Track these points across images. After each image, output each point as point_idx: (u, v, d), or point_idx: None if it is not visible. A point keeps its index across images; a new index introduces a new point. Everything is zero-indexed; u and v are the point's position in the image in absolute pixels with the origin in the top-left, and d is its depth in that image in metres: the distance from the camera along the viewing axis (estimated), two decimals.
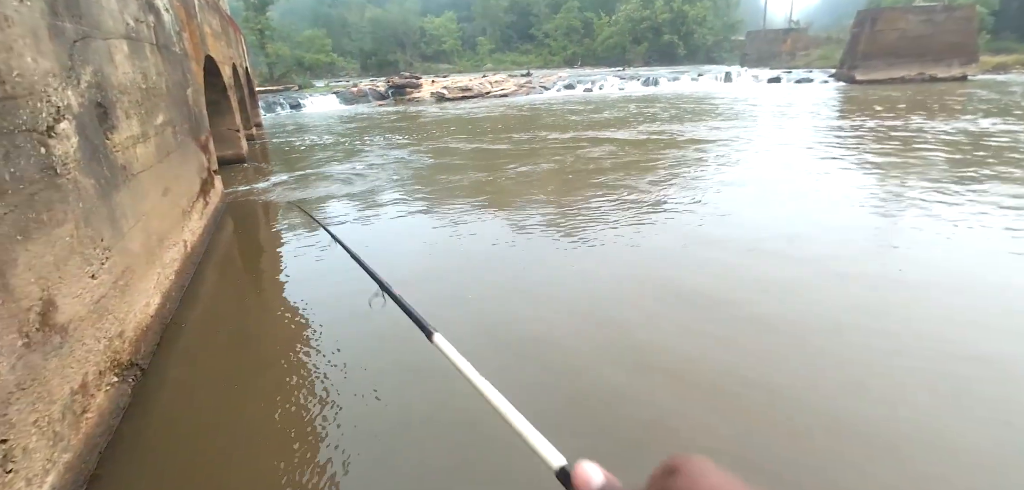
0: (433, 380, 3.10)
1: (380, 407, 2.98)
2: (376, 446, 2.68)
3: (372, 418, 2.90)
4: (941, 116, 13.71)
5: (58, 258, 2.44)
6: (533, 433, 0.60)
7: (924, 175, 7.48)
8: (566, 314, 3.92)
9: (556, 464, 0.53)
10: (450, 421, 2.79)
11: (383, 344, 3.58)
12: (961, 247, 4.86)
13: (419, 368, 3.23)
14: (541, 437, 0.59)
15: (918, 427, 2.61)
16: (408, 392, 3.09)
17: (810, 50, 41.85)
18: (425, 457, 2.58)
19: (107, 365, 2.82)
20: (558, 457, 0.53)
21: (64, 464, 2.24)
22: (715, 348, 3.36)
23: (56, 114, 2.66)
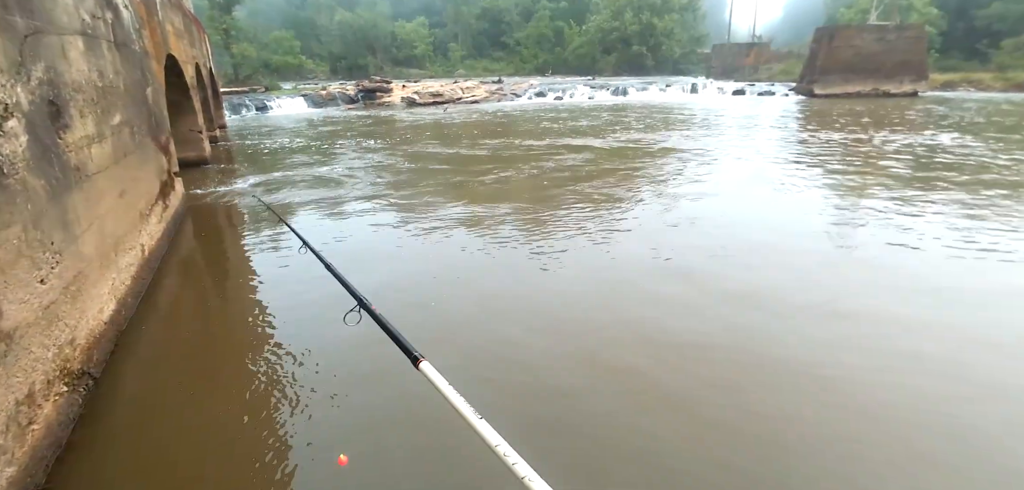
0: (406, 392, 3.08)
1: (346, 417, 2.93)
2: (331, 466, 2.63)
3: (337, 428, 2.85)
4: (903, 129, 14.38)
5: (4, 262, 2.33)
6: (539, 484, 0.55)
7: (889, 189, 7.83)
8: (542, 332, 3.81)
9: None
10: (425, 439, 2.78)
11: (351, 353, 3.52)
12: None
13: (391, 378, 3.20)
14: (545, 485, 0.54)
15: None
16: (379, 403, 3.05)
17: (772, 64, 43.44)
18: (394, 473, 2.55)
19: (56, 374, 2.69)
20: None
21: (7, 479, 2.13)
22: (693, 367, 3.45)
23: (3, 111, 2.54)
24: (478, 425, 0.64)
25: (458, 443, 2.49)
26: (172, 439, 2.80)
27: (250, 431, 2.79)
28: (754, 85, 33.46)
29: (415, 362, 0.88)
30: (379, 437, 2.74)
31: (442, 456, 2.58)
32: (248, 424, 2.84)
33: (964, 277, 4.60)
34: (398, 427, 2.81)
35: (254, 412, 2.95)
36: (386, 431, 2.78)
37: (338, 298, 4.54)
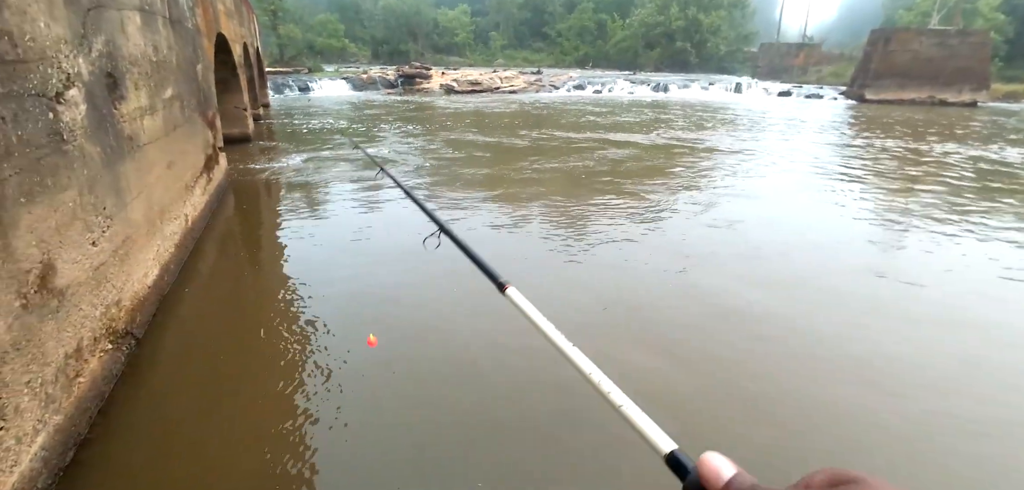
0: (430, 361, 3.15)
1: (372, 384, 3.01)
2: (370, 421, 2.71)
3: (366, 397, 2.93)
4: (969, 141, 13.61)
5: (60, 223, 2.47)
6: (637, 413, 0.51)
7: (949, 209, 7.46)
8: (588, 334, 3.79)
9: (665, 448, 0.46)
10: (451, 418, 2.83)
11: (382, 327, 3.61)
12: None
13: (419, 346, 3.28)
14: (645, 417, 0.50)
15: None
16: (403, 373, 3.12)
17: (822, 66, 41.74)
18: (425, 442, 2.61)
19: (102, 332, 2.85)
20: (667, 441, 0.47)
21: (54, 426, 2.28)
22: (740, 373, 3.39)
23: (66, 81, 2.68)
24: (570, 352, 0.62)
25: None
26: (209, 400, 2.93)
27: (281, 396, 2.89)
28: (801, 87, 32.24)
29: (501, 288, 0.87)
30: (412, 412, 2.80)
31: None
32: (277, 390, 2.95)
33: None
34: (430, 403, 2.86)
35: (288, 378, 3.05)
36: (418, 403, 2.84)
37: (373, 262, 4.59)
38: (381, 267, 4.73)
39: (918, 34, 27.58)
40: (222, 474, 2.41)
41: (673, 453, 0.45)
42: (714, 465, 0.39)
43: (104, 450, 2.49)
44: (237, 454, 2.53)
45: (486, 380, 3.13)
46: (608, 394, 0.54)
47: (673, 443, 0.46)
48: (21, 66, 2.28)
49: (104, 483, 2.33)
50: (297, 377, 3.11)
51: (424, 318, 3.84)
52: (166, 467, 2.44)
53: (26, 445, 2.07)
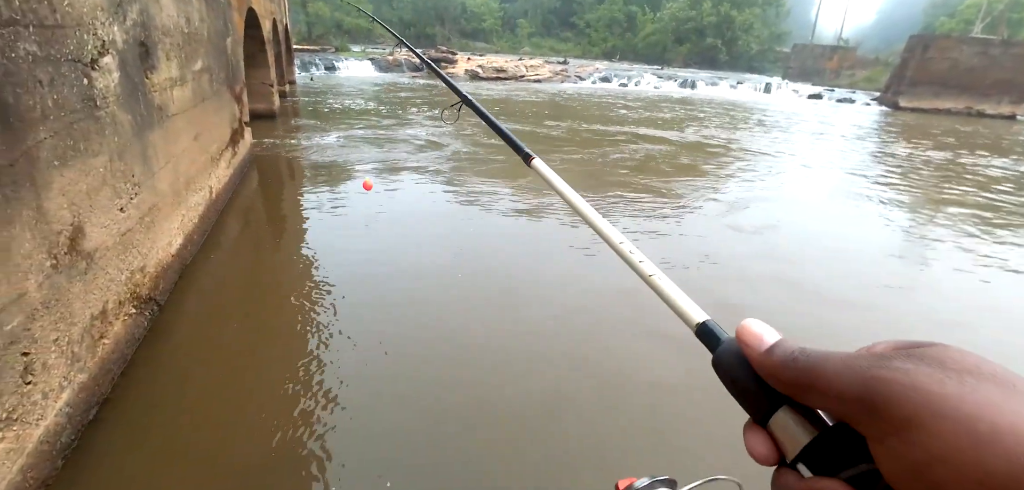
0: (441, 336, 3.19)
1: (389, 357, 3.05)
2: (383, 391, 2.75)
3: (380, 370, 2.97)
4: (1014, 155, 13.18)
5: (90, 187, 2.54)
6: (668, 284, 0.48)
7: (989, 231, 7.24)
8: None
9: (696, 319, 0.43)
10: (455, 379, 2.85)
11: (395, 304, 3.67)
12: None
13: (428, 325, 3.31)
14: (677, 288, 0.47)
15: None
16: (413, 351, 3.15)
17: (856, 70, 40.58)
18: (432, 414, 2.64)
19: (127, 296, 2.93)
20: (699, 312, 0.43)
21: (79, 384, 2.35)
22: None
23: (101, 47, 2.74)
24: (600, 223, 0.60)
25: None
26: (227, 368, 3.01)
27: (298, 369, 2.95)
28: (833, 90, 31.42)
29: (527, 159, 0.87)
30: (414, 383, 2.83)
31: (472, 418, 2.65)
32: (294, 361, 3.00)
33: None
34: (433, 382, 2.89)
35: (303, 349, 3.11)
36: (423, 381, 2.87)
37: (389, 244, 4.62)
38: (398, 249, 4.78)
39: (959, 42, 26.58)
40: (237, 438, 2.47)
41: (705, 323, 0.42)
42: (756, 330, 0.36)
43: (125, 410, 2.57)
44: (253, 420, 2.59)
45: (496, 371, 3.14)
46: (639, 264, 0.51)
47: (705, 314, 0.43)
48: (59, 31, 2.33)
49: (124, 441, 2.40)
50: (313, 348, 3.17)
51: (439, 303, 3.87)
52: (184, 430, 2.51)
53: (52, 400, 2.14)
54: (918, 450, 0.25)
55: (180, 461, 2.34)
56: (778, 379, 0.33)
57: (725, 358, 0.38)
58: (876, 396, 0.27)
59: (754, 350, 0.35)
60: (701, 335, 0.42)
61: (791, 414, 0.33)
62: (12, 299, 1.91)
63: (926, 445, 0.25)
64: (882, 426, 0.27)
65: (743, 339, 0.36)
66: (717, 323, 0.41)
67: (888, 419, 0.27)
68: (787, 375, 0.32)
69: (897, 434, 0.26)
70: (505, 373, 3.09)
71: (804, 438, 0.33)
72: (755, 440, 0.35)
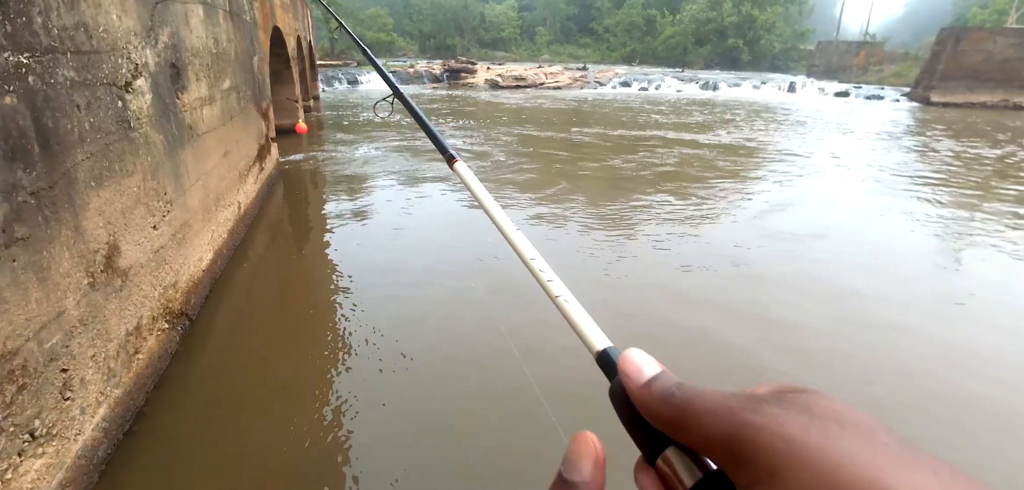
0: (466, 348, 3.17)
1: (412, 369, 3.06)
2: (409, 410, 2.75)
3: (404, 381, 2.98)
4: None
5: (125, 206, 2.61)
6: (576, 307, 0.46)
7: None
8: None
9: (598, 346, 0.42)
10: (487, 402, 2.84)
11: (419, 316, 3.68)
12: None
13: (454, 334, 3.31)
14: (584, 312, 0.45)
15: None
16: (437, 359, 3.15)
17: (884, 66, 39.43)
18: (443, 436, 2.63)
19: (160, 312, 3.00)
20: (601, 338, 0.42)
21: (115, 398, 2.41)
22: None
23: (134, 71, 2.83)
24: (512, 235, 0.58)
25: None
26: (257, 380, 3.05)
27: (326, 379, 2.97)
28: (860, 88, 30.55)
29: (450, 161, 0.83)
30: (441, 395, 2.82)
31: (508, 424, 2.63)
32: (323, 373, 3.03)
33: None
34: (460, 409, 2.88)
35: (331, 362, 3.14)
36: (447, 390, 2.86)
37: (415, 255, 4.66)
38: (425, 261, 4.81)
39: (993, 33, 25.59)
40: (268, 450, 2.50)
41: (605, 351, 0.40)
42: (636, 362, 0.34)
43: (159, 423, 2.62)
44: (282, 433, 2.62)
45: (523, 383, 3.12)
46: (548, 283, 0.49)
47: (608, 341, 0.41)
48: (95, 56, 2.41)
49: (158, 454, 2.45)
50: (340, 361, 3.20)
51: (463, 314, 3.86)
52: (215, 442, 2.55)
53: (90, 415, 2.19)
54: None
55: (211, 471, 2.38)
56: (655, 415, 0.32)
57: (619, 391, 0.36)
58: (744, 442, 0.27)
59: (633, 383, 0.33)
60: (601, 363, 0.40)
61: (677, 455, 0.32)
62: (52, 317, 1.96)
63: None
64: (750, 473, 0.26)
65: (623, 370, 0.35)
66: (618, 352, 0.39)
67: (755, 467, 0.26)
68: (664, 411, 0.31)
69: (763, 483, 0.26)
70: (531, 383, 3.06)
71: (688, 481, 0.31)
72: (643, 480, 0.33)
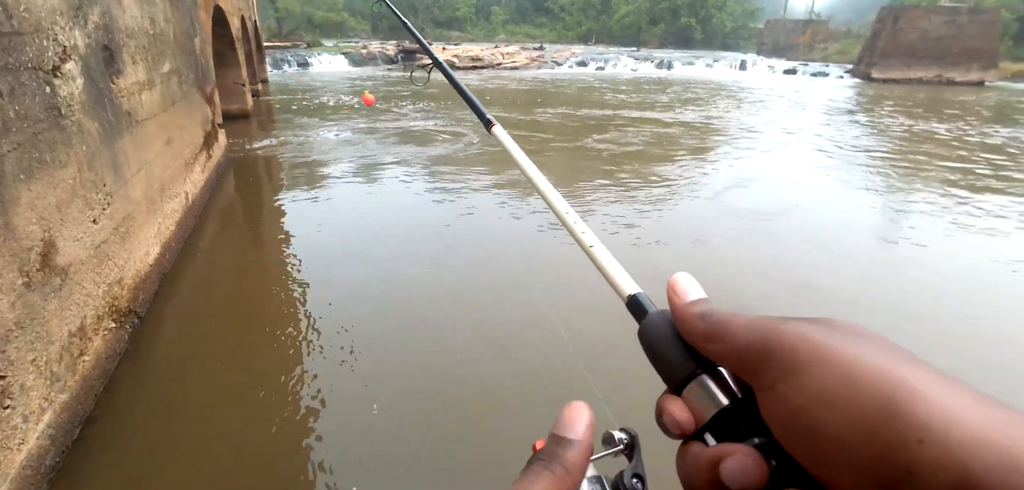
0: (420, 341, 3.16)
1: (374, 355, 3.02)
2: (368, 394, 2.72)
3: (367, 369, 2.94)
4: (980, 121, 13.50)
5: (60, 200, 2.44)
6: (606, 256, 0.48)
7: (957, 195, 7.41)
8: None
9: (627, 291, 0.43)
10: (438, 395, 2.84)
11: (374, 303, 3.63)
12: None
13: (414, 322, 3.28)
14: (614, 260, 0.47)
15: None
16: (395, 349, 3.12)
17: (828, 44, 41.15)
18: (405, 420, 2.62)
19: (105, 310, 2.84)
20: (632, 284, 0.43)
21: (61, 404, 2.27)
22: None
23: (62, 54, 2.63)
24: (547, 191, 0.60)
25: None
26: (212, 377, 2.94)
27: (283, 369, 2.89)
28: (807, 65, 31.83)
29: (488, 125, 0.85)
30: (392, 384, 2.80)
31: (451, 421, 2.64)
32: (279, 364, 2.95)
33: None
34: (413, 393, 2.87)
35: (289, 353, 3.06)
36: (402, 380, 2.85)
37: (368, 241, 4.59)
38: (379, 245, 4.72)
39: (928, 11, 27.07)
40: (227, 449, 2.42)
41: (635, 296, 0.42)
42: (684, 284, 0.37)
43: (110, 427, 2.49)
44: (241, 429, 2.54)
45: (484, 364, 3.13)
46: (581, 235, 0.51)
47: (637, 287, 0.43)
48: (16, 38, 2.23)
49: (111, 460, 2.33)
50: (297, 352, 3.12)
51: (425, 300, 3.83)
52: (173, 442, 2.44)
53: (33, 423, 2.06)
54: (799, 394, 0.27)
55: (167, 474, 2.28)
56: (693, 330, 0.34)
57: (650, 325, 0.38)
58: (771, 344, 0.29)
59: (680, 300, 0.36)
60: (631, 307, 0.42)
61: (706, 382, 0.34)
62: None
63: (806, 387, 0.27)
64: (771, 373, 0.29)
65: (672, 287, 0.37)
66: (648, 297, 0.41)
67: (777, 365, 0.28)
68: (701, 327, 0.34)
69: (783, 380, 0.28)
70: (493, 367, 3.08)
71: (715, 407, 0.33)
72: (672, 407, 0.35)
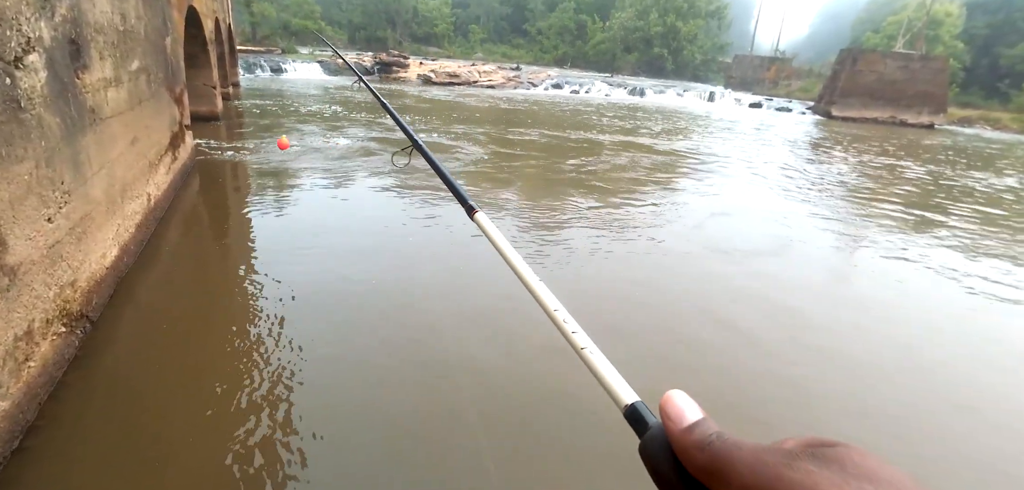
0: (395, 341, 3.12)
1: (339, 359, 2.95)
2: (332, 402, 2.66)
3: (331, 372, 2.87)
4: (927, 160, 14.26)
5: (14, 196, 2.33)
6: (600, 359, 0.45)
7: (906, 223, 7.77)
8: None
9: (625, 400, 0.41)
10: (422, 389, 2.80)
11: (347, 308, 3.57)
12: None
13: (380, 331, 3.24)
14: (608, 364, 0.44)
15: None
16: (367, 357, 3.07)
17: (792, 80, 43.00)
18: (376, 421, 2.57)
19: (56, 314, 2.70)
20: (629, 392, 0.41)
21: (1, 412, 2.14)
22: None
23: (25, 45, 2.52)
24: (536, 286, 0.57)
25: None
26: (166, 385, 2.82)
27: (240, 380, 2.80)
28: (772, 100, 33.18)
29: (470, 212, 0.82)
30: (369, 394, 2.75)
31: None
32: (236, 374, 2.86)
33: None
34: (385, 385, 2.82)
35: (248, 362, 2.96)
36: (373, 385, 2.80)
37: (334, 255, 4.54)
38: (348, 257, 4.65)
39: (884, 56, 28.73)
40: (178, 461, 2.32)
41: (634, 405, 0.40)
42: (678, 405, 0.35)
43: (53, 437, 2.36)
44: (195, 440, 2.44)
45: (462, 374, 3.11)
46: (572, 335, 0.49)
47: (635, 395, 0.41)
48: None
49: (53, 471, 2.20)
50: (257, 362, 3.02)
51: (390, 308, 3.79)
52: (119, 454, 2.33)
53: None
54: None
55: (110, 486, 2.17)
56: (693, 461, 0.33)
57: (652, 445, 0.36)
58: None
59: (675, 425, 0.34)
60: (630, 418, 0.40)
61: None
62: None
63: None
64: None
65: (665, 412, 0.35)
66: (647, 407, 0.40)
67: None
68: (701, 459, 0.32)
69: None
70: (467, 369, 3.06)
71: None
72: None
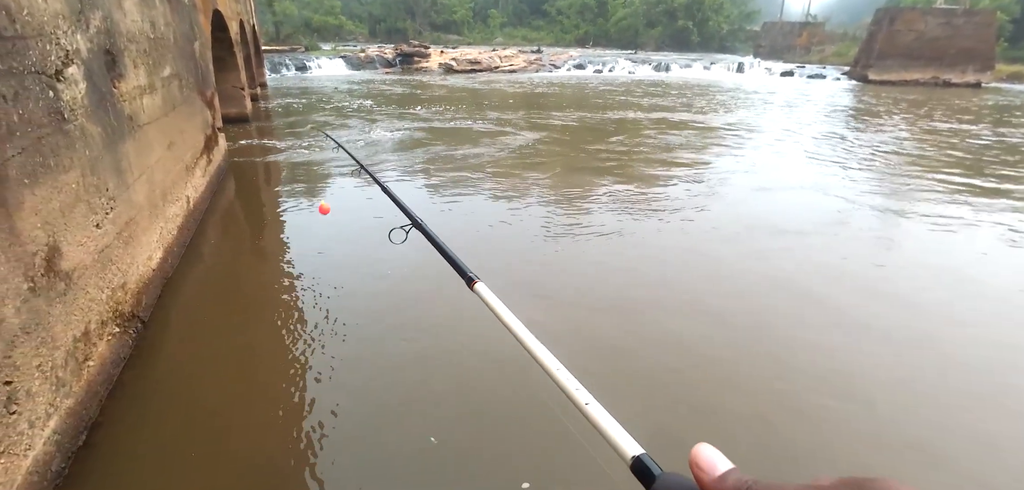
0: (431, 343, 3.15)
1: (375, 361, 3.01)
2: (377, 398, 2.72)
3: (370, 371, 2.93)
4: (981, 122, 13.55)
5: (64, 205, 2.43)
6: (602, 414, 0.47)
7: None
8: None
9: (630, 453, 0.41)
10: (443, 364, 2.83)
11: (379, 303, 3.63)
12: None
13: (421, 329, 3.27)
14: (611, 419, 0.46)
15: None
16: (403, 358, 3.11)
17: (825, 46, 41.33)
18: (419, 415, 2.61)
19: (109, 315, 2.82)
20: (633, 445, 0.42)
21: (66, 409, 2.26)
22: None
23: (65, 58, 2.62)
24: (536, 349, 0.59)
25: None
26: (216, 380, 2.93)
27: (286, 373, 2.88)
28: (804, 67, 31.93)
29: (470, 283, 0.85)
30: (427, 368, 2.79)
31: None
32: (282, 367, 2.94)
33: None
34: (428, 381, 2.86)
35: (287, 354, 3.04)
36: (433, 362, 2.84)
37: (369, 245, 4.56)
38: (382, 253, 4.71)
39: (924, 14, 27.19)
40: (228, 452, 2.41)
41: (639, 458, 0.41)
42: (708, 457, 0.35)
43: (115, 432, 2.48)
44: (246, 431, 2.53)
45: (494, 375, 3.12)
46: (573, 393, 0.51)
47: (639, 447, 0.42)
48: (20, 42, 2.22)
49: (117, 464, 2.32)
50: (299, 355, 3.10)
51: (426, 307, 3.82)
52: (176, 447, 2.43)
53: (39, 429, 2.05)
54: None
55: (173, 479, 2.27)
56: None
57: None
58: None
59: (707, 476, 0.35)
60: (636, 471, 0.40)
61: None
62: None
63: None
64: None
65: (696, 463, 0.36)
66: (651, 457, 0.40)
67: None
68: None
69: None
70: (497, 377, 3.07)
71: None
72: None
